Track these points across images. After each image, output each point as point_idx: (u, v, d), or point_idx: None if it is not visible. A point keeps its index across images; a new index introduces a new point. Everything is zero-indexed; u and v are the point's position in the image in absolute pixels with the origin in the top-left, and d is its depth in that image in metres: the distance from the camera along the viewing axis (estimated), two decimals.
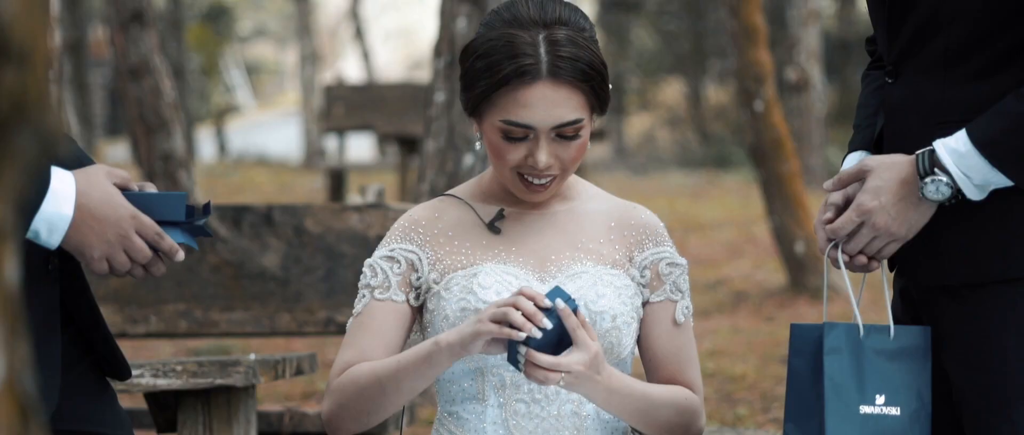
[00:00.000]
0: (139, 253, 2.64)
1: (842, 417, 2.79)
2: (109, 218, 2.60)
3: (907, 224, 2.76)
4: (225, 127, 25.64)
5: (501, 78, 2.85)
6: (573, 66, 2.86)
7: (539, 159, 2.87)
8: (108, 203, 2.60)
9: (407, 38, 41.66)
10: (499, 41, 2.88)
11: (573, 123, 2.87)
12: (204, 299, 5.07)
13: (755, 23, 9.39)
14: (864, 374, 2.81)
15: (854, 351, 2.82)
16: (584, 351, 2.77)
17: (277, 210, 5.12)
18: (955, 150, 2.70)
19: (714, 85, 24.94)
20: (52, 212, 2.56)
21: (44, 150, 1.36)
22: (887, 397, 2.81)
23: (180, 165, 9.15)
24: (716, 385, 7.17)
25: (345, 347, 2.96)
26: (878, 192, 2.77)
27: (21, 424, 1.34)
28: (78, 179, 2.59)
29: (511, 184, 2.93)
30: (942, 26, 2.76)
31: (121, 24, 9.23)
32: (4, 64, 1.32)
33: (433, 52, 6.22)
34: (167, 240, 2.66)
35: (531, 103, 2.85)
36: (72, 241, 2.59)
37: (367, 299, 2.96)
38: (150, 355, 7.94)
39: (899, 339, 2.83)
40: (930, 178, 2.71)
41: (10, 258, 1.37)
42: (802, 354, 2.85)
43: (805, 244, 9.15)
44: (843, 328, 2.83)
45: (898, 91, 2.85)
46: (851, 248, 2.82)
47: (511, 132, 2.87)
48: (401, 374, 2.85)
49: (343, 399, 2.91)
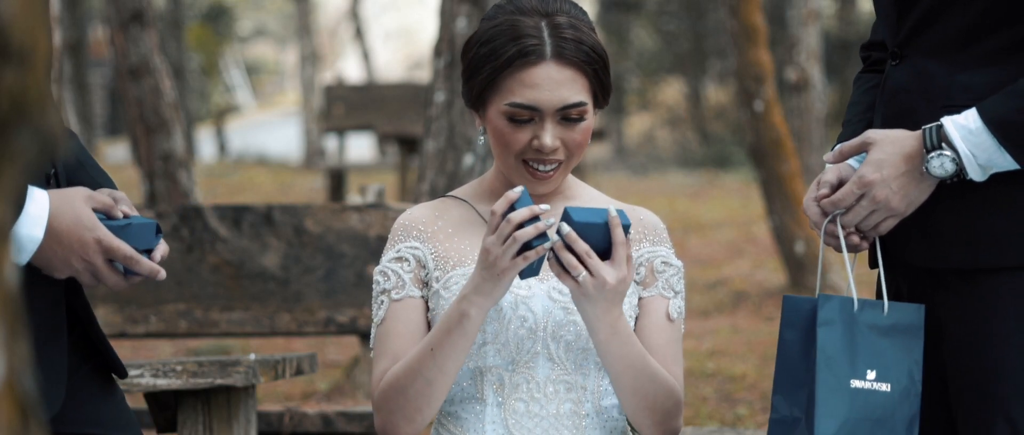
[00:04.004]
0: (106, 278, 2.68)
1: (832, 390, 2.77)
2: (74, 245, 2.63)
3: (907, 199, 2.75)
4: (225, 127, 25.63)
5: (506, 59, 2.86)
6: (577, 48, 2.88)
7: (545, 141, 2.87)
8: (76, 228, 2.63)
9: (407, 38, 41.67)
10: (502, 26, 2.90)
11: (578, 105, 2.88)
12: (204, 299, 5.07)
13: (755, 23, 9.39)
14: (856, 348, 2.80)
15: (847, 324, 2.81)
16: (618, 268, 2.76)
17: (277, 210, 5.12)
18: (965, 126, 2.69)
19: (714, 85, 24.94)
20: (24, 234, 2.60)
21: (44, 150, 1.36)
22: (878, 373, 2.80)
23: (180, 165, 9.15)
24: (716, 385, 7.17)
25: (378, 358, 2.94)
26: (880, 165, 2.75)
27: (21, 424, 1.34)
28: (52, 201, 2.61)
29: (516, 175, 2.93)
30: (956, 6, 2.75)
31: (121, 24, 9.23)
32: (4, 64, 1.32)
33: (433, 52, 6.22)
34: (144, 263, 2.68)
35: (537, 84, 2.86)
36: (39, 259, 2.64)
37: (386, 304, 2.96)
38: (150, 355, 7.94)
39: (893, 315, 2.82)
40: (936, 153, 2.69)
41: (10, 258, 1.37)
42: (794, 326, 2.84)
43: (805, 244, 9.15)
44: (837, 301, 2.81)
45: (902, 74, 2.82)
46: (848, 221, 2.80)
47: (517, 114, 2.87)
48: (440, 356, 2.83)
49: (392, 406, 2.89)
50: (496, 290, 2.78)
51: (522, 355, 2.91)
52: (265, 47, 41.30)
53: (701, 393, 7.01)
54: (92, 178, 2.80)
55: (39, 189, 2.63)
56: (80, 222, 2.63)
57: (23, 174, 1.35)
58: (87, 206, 2.65)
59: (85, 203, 2.65)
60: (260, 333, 5.10)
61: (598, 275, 2.75)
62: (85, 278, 2.66)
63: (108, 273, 2.66)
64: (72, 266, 2.64)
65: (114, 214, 2.69)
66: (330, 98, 15.49)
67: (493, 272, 2.75)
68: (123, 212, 2.71)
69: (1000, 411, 2.73)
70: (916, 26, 2.80)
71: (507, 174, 2.97)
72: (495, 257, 2.74)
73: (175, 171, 9.12)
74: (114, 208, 2.69)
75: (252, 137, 27.60)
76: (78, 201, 2.64)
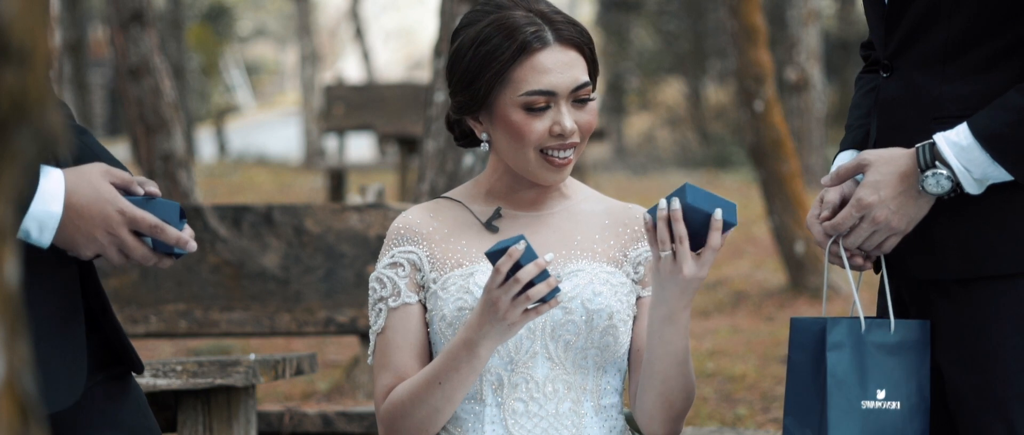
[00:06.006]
0: (133, 250, 2.61)
1: (844, 412, 2.79)
2: (96, 217, 2.58)
3: (907, 218, 2.76)
4: (225, 127, 25.63)
5: (512, 52, 2.87)
6: (572, 29, 2.92)
7: (565, 124, 2.88)
8: (96, 201, 2.57)
9: (407, 38, 41.67)
10: (491, 26, 2.91)
11: (587, 85, 2.92)
12: (204, 299, 5.08)
13: (755, 23, 9.39)
14: (866, 369, 2.81)
15: (856, 346, 2.82)
16: (700, 268, 2.80)
17: (277, 210, 5.12)
18: (957, 143, 2.70)
19: (714, 85, 24.93)
20: (41, 210, 2.55)
21: (44, 150, 1.36)
22: (888, 391, 2.81)
23: (180, 165, 9.15)
24: (716, 385, 7.18)
25: (380, 370, 2.96)
26: (877, 186, 2.76)
27: (21, 424, 1.34)
28: (68, 177, 2.58)
29: (533, 168, 2.93)
30: (943, 18, 2.75)
31: (121, 24, 9.23)
32: (4, 64, 1.32)
33: (433, 52, 6.22)
34: (171, 231, 2.61)
35: (549, 68, 2.89)
36: (62, 239, 2.58)
37: (384, 312, 2.96)
38: (150, 355, 7.94)
39: (899, 333, 2.83)
40: (931, 171, 2.71)
41: (10, 258, 1.37)
42: (803, 348, 2.85)
43: (805, 244, 9.15)
44: (845, 323, 2.83)
45: (893, 86, 2.84)
46: (851, 243, 2.81)
47: (534, 103, 2.88)
48: (448, 388, 2.85)
49: (397, 427, 2.92)
50: (507, 334, 2.80)
51: (521, 355, 2.92)
52: (265, 47, 41.29)
53: (701, 393, 7.01)
54: None
55: (53, 168, 2.59)
56: (100, 195, 2.58)
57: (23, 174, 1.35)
58: (105, 180, 2.61)
59: (103, 177, 2.60)
60: (260, 333, 5.10)
61: (679, 262, 2.78)
62: (112, 253, 2.60)
63: (136, 245, 2.60)
64: (98, 241, 2.58)
65: (133, 190, 2.63)
66: (330, 98, 15.49)
67: (503, 325, 2.77)
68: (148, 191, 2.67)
69: (999, 415, 2.74)
70: (904, 39, 2.81)
71: (522, 170, 2.95)
72: (504, 312, 2.75)
73: (175, 171, 9.12)
74: (133, 184, 2.63)
75: (252, 137, 27.59)
76: (95, 175, 2.60)
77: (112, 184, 2.61)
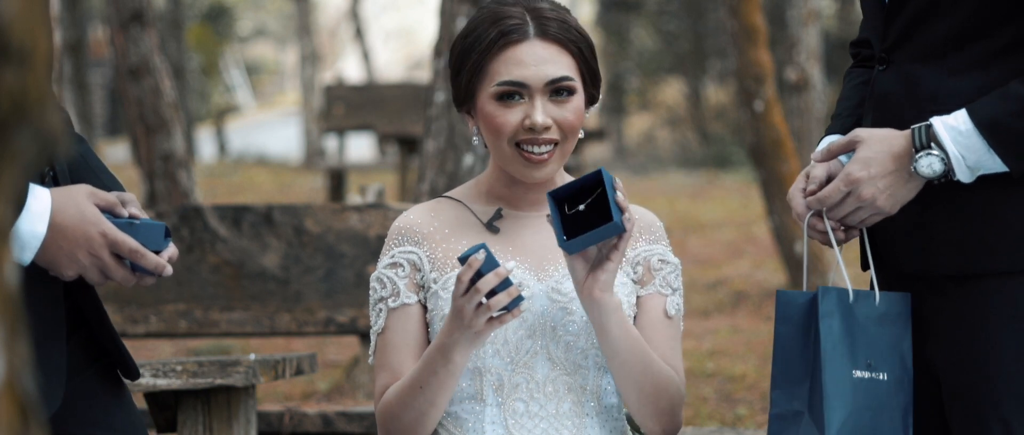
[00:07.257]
0: (114, 272, 2.65)
1: (839, 381, 2.78)
2: (80, 238, 2.61)
3: (893, 198, 2.74)
4: (225, 127, 25.62)
5: (488, 42, 2.89)
6: (560, 25, 2.91)
7: (536, 118, 2.87)
8: (81, 223, 2.61)
9: (407, 38, 41.67)
10: (482, 15, 2.94)
11: (565, 79, 2.89)
12: (204, 299, 5.07)
13: (755, 23, 9.39)
14: (855, 339, 2.81)
15: (845, 316, 2.81)
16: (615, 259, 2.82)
17: (277, 210, 5.12)
18: (954, 128, 2.68)
19: (714, 85, 24.92)
20: (26, 230, 2.58)
21: (44, 150, 1.36)
22: (875, 362, 2.81)
23: (180, 165, 9.15)
24: (716, 385, 7.18)
25: (379, 369, 2.98)
26: (868, 163, 2.74)
27: (21, 424, 1.34)
28: (54, 197, 2.60)
29: (511, 163, 2.93)
30: (944, 11, 2.75)
31: (121, 24, 9.23)
32: (4, 64, 1.32)
33: (433, 52, 6.22)
34: (150, 257, 2.66)
35: (522, 61, 2.89)
36: (44, 258, 2.61)
37: (384, 313, 2.97)
38: (150, 355, 7.93)
39: (883, 304, 2.83)
40: (924, 153, 2.69)
41: (10, 258, 1.37)
42: (789, 320, 2.84)
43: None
44: (835, 292, 2.82)
45: (889, 79, 2.82)
46: (833, 215, 2.80)
47: (505, 92, 2.89)
48: (429, 392, 2.87)
49: (390, 428, 2.95)
50: (477, 341, 2.82)
51: (521, 355, 2.92)
52: (265, 47, 41.29)
53: (701, 393, 7.01)
54: (102, 182, 2.79)
55: (40, 187, 2.62)
56: (84, 217, 2.62)
57: (23, 174, 1.35)
58: (90, 202, 2.64)
59: (88, 199, 2.64)
60: (260, 333, 5.10)
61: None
62: (92, 274, 2.64)
63: (115, 267, 2.64)
64: (78, 262, 2.62)
65: (119, 213, 2.68)
66: (330, 98, 15.49)
67: (470, 333, 2.79)
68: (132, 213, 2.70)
69: (994, 413, 2.73)
70: (903, 31, 2.79)
71: (503, 165, 2.96)
72: (469, 320, 2.76)
73: (175, 171, 9.12)
74: (118, 206, 2.68)
75: (252, 137, 27.58)
76: (81, 197, 2.64)
77: (96, 205, 2.64)
